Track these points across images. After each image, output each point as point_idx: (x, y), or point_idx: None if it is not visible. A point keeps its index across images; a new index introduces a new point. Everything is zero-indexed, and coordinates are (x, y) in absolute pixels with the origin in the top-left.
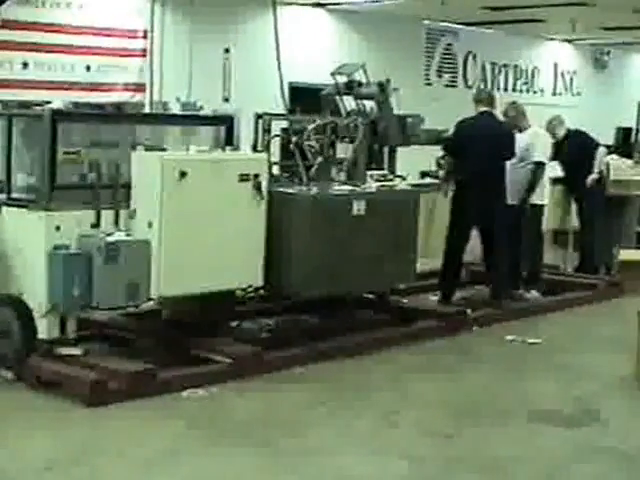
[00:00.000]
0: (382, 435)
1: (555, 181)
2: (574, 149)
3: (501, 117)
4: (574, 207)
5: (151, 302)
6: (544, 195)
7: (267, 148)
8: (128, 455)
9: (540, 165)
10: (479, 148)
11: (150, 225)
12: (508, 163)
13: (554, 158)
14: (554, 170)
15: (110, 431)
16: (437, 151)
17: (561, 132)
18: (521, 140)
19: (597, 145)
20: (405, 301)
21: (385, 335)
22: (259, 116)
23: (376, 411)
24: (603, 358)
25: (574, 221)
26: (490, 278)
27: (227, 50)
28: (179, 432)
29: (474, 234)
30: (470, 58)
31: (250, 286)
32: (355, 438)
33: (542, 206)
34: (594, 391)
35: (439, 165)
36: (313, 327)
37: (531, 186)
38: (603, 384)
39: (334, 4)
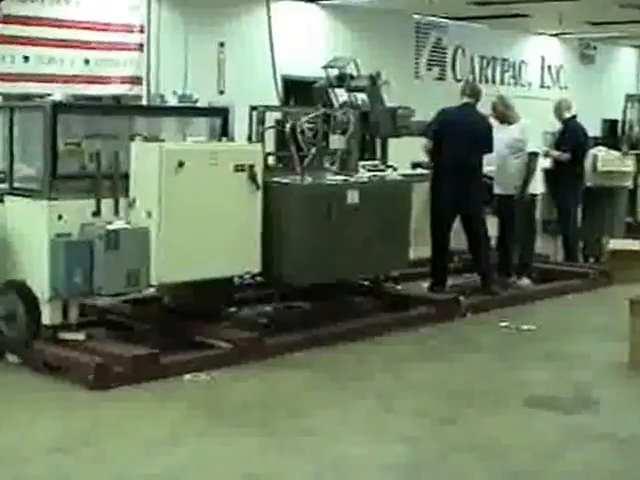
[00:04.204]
0: (379, 418)
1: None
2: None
3: (484, 110)
4: None
5: (151, 289)
6: (537, 185)
7: (262, 139)
8: (130, 437)
9: (534, 155)
10: (455, 138)
11: (149, 214)
12: (500, 155)
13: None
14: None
15: (114, 413)
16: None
17: (566, 115)
18: (511, 132)
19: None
20: (399, 288)
21: (380, 321)
22: (253, 108)
23: (372, 395)
24: (595, 345)
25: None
26: (476, 267)
27: (222, 44)
28: (180, 414)
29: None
30: (459, 52)
31: (247, 273)
32: (352, 421)
33: (535, 196)
34: (588, 378)
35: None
36: (310, 313)
37: (528, 176)
38: (596, 371)
39: None
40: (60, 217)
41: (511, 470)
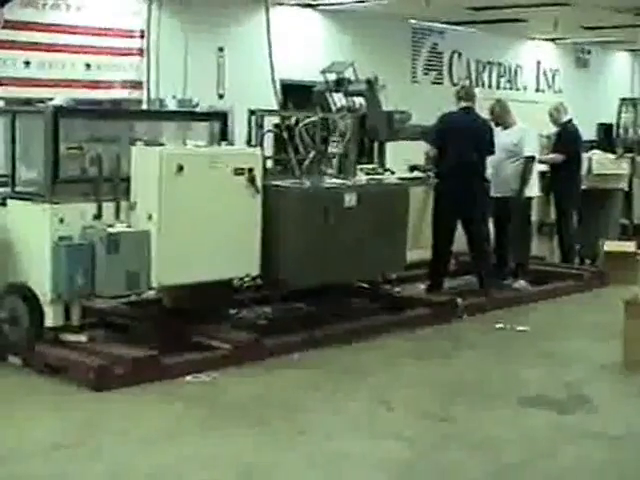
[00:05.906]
0: (375, 416)
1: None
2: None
3: (482, 113)
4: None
5: (152, 291)
6: (533, 188)
7: (261, 143)
8: (130, 435)
9: (531, 159)
10: (458, 142)
11: (150, 217)
12: (497, 158)
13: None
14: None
15: (113, 413)
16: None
17: (563, 119)
18: (508, 136)
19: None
20: (397, 290)
21: (378, 322)
22: (252, 112)
23: (369, 394)
24: (590, 345)
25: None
26: (476, 268)
27: (221, 49)
28: (179, 414)
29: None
30: (455, 56)
31: (247, 275)
32: (349, 419)
33: (531, 198)
34: (582, 376)
35: (427, 157)
36: (309, 315)
37: (524, 180)
38: (591, 370)
39: (324, 4)
40: (62, 220)
41: (503, 466)
